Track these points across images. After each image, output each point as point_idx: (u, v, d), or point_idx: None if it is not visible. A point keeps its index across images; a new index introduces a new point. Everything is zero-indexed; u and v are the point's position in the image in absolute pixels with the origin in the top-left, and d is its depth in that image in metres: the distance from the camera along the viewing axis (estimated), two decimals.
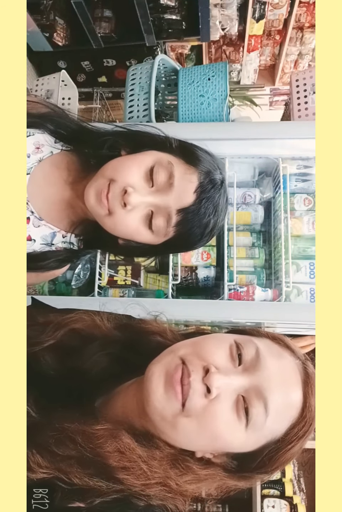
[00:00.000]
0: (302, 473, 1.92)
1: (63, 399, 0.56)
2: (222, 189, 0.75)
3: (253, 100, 2.23)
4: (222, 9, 2.56)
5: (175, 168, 0.71)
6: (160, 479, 0.52)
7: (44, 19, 2.31)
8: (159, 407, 0.52)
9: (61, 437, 0.50)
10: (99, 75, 2.69)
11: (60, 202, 0.79)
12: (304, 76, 1.63)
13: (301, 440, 0.55)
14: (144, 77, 1.57)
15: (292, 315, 1.34)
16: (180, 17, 2.32)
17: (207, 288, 1.54)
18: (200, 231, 0.74)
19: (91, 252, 1.05)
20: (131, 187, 0.69)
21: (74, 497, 0.48)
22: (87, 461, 0.49)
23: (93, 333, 0.64)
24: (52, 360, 0.62)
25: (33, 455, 0.48)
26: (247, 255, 1.52)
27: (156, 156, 0.72)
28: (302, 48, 2.88)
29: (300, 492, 1.86)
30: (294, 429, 0.55)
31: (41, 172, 0.78)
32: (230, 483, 0.57)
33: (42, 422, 0.52)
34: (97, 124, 0.84)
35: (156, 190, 0.71)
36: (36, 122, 0.78)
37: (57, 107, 0.83)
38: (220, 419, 0.52)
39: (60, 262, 0.81)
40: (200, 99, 1.53)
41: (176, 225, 0.72)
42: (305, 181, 1.53)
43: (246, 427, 0.52)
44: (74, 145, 0.81)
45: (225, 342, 0.56)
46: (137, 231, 0.73)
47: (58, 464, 0.49)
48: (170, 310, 0.68)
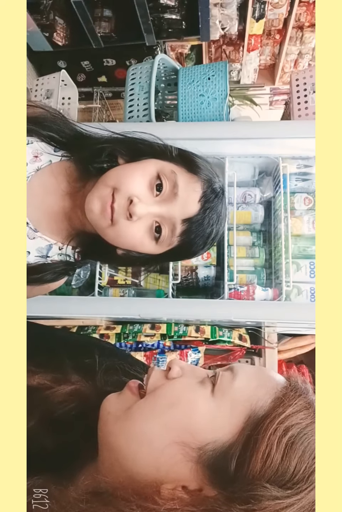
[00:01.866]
0: None
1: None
2: (224, 198, 0.75)
3: (253, 100, 2.23)
4: (221, 9, 2.56)
5: (178, 177, 0.70)
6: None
7: (44, 19, 2.30)
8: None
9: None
10: (99, 75, 2.70)
11: (58, 213, 0.77)
12: (304, 75, 1.63)
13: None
14: (144, 77, 1.57)
15: (292, 315, 1.34)
16: (180, 17, 2.32)
17: (207, 287, 1.55)
18: (203, 240, 0.73)
19: (88, 263, 1.04)
20: (136, 197, 0.68)
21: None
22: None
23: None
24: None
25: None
26: (247, 254, 1.52)
27: (158, 165, 0.71)
28: (302, 47, 2.88)
29: None
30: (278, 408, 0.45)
31: (39, 182, 0.76)
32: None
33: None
34: (94, 129, 0.82)
35: (161, 200, 0.70)
36: (29, 128, 0.75)
37: (53, 110, 0.81)
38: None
39: (56, 275, 0.78)
40: (200, 99, 1.53)
41: (180, 235, 0.71)
42: (305, 180, 1.53)
43: (211, 392, 0.46)
44: (70, 152, 0.80)
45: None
46: (141, 242, 0.71)
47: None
48: (170, 310, 0.68)
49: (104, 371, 0.61)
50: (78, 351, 0.67)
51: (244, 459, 0.42)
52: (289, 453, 0.43)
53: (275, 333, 1.46)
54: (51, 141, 0.79)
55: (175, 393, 0.46)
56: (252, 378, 0.48)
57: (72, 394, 0.57)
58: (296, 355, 1.55)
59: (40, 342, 0.65)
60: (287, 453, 0.43)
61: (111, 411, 0.48)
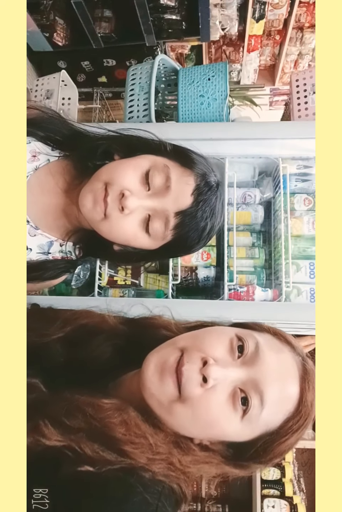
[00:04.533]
0: (302, 473, 1.92)
1: (72, 382, 0.58)
2: (218, 191, 0.75)
3: (253, 100, 2.22)
4: (222, 9, 2.56)
5: (171, 171, 0.70)
6: (165, 456, 0.54)
7: (44, 19, 2.30)
8: (155, 393, 0.55)
9: (71, 408, 0.52)
10: (99, 75, 2.69)
11: (55, 210, 0.78)
12: (304, 76, 1.63)
13: (295, 434, 0.57)
14: (144, 77, 1.57)
15: (292, 315, 1.34)
16: (180, 17, 2.32)
17: (207, 288, 1.54)
18: (197, 234, 0.73)
19: (88, 260, 1.04)
20: (128, 191, 0.68)
21: (84, 462, 0.50)
22: (96, 433, 0.52)
23: (101, 327, 0.67)
24: (62, 348, 0.64)
25: (46, 426, 0.50)
26: (247, 255, 1.52)
27: (151, 160, 0.72)
28: (302, 48, 2.88)
29: (300, 492, 1.86)
30: (289, 422, 0.56)
31: (37, 180, 0.77)
32: (227, 469, 0.59)
33: (53, 395, 0.55)
34: (90, 128, 0.83)
35: (153, 194, 0.70)
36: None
37: (50, 110, 0.82)
38: (215, 408, 0.54)
39: (57, 273, 0.80)
40: (200, 99, 1.53)
41: (173, 228, 0.71)
42: (305, 181, 1.53)
43: (241, 418, 0.54)
44: (67, 150, 0.80)
45: (226, 335, 0.58)
46: (134, 236, 0.72)
47: (70, 435, 0.50)
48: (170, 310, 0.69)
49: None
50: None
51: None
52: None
53: None
54: (48, 141, 0.80)
55: (211, 415, 0.54)
56: (277, 406, 0.56)
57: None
58: None
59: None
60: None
61: (155, 394, 0.55)
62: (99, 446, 0.51)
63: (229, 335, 0.58)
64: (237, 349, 0.56)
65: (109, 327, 0.67)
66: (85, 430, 0.51)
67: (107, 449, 0.51)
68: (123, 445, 0.52)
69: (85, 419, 0.52)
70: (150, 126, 1.50)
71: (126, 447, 0.52)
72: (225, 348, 0.56)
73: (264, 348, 0.56)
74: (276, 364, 0.56)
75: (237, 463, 0.59)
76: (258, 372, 0.55)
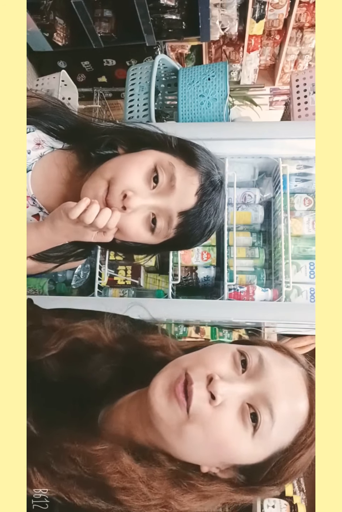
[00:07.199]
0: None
1: (65, 408, 0.56)
2: (222, 190, 0.75)
3: (253, 100, 2.23)
4: (222, 9, 2.56)
5: (176, 169, 0.70)
6: (162, 500, 0.51)
7: (44, 19, 2.30)
8: (164, 417, 0.52)
9: (61, 456, 0.50)
10: (99, 75, 2.69)
11: (59, 200, 0.78)
12: (304, 76, 1.63)
13: (309, 449, 0.54)
14: (144, 77, 1.57)
15: (292, 315, 1.34)
16: (180, 17, 2.32)
17: (207, 288, 1.55)
18: (200, 231, 0.73)
19: (92, 248, 1.04)
20: (131, 191, 0.68)
21: (73, 510, 0.48)
22: (87, 481, 0.49)
23: (96, 344, 0.64)
24: (55, 367, 0.62)
25: (34, 473, 0.48)
26: (247, 255, 1.52)
27: (156, 157, 0.71)
28: (302, 48, 2.88)
29: (300, 492, 1.86)
30: (302, 437, 0.54)
31: (41, 170, 0.78)
32: (237, 498, 0.55)
33: (42, 439, 0.52)
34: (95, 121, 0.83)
35: (157, 192, 0.70)
36: (29, 120, 0.76)
37: (53, 100, 0.81)
38: (226, 426, 0.51)
39: (64, 258, 0.82)
40: (200, 99, 1.53)
41: (176, 227, 0.71)
42: (305, 181, 1.53)
43: (252, 435, 0.51)
44: (70, 141, 0.80)
45: (228, 350, 0.56)
46: (137, 233, 0.72)
47: (59, 483, 0.48)
48: (170, 310, 0.68)
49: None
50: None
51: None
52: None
53: (274, 334, 1.46)
54: (51, 132, 0.80)
55: (222, 433, 0.52)
56: (287, 420, 0.53)
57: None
58: None
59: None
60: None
61: (164, 419, 0.52)
62: (90, 495, 0.49)
63: (231, 350, 0.56)
64: (240, 364, 0.55)
65: (105, 345, 0.64)
66: (76, 478, 0.49)
67: (99, 498, 0.49)
68: (116, 493, 0.50)
69: (76, 468, 0.49)
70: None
71: (119, 495, 0.50)
72: (229, 363, 0.55)
73: (268, 360, 0.55)
74: (282, 376, 0.54)
75: (249, 489, 0.55)
76: (265, 385, 0.53)
